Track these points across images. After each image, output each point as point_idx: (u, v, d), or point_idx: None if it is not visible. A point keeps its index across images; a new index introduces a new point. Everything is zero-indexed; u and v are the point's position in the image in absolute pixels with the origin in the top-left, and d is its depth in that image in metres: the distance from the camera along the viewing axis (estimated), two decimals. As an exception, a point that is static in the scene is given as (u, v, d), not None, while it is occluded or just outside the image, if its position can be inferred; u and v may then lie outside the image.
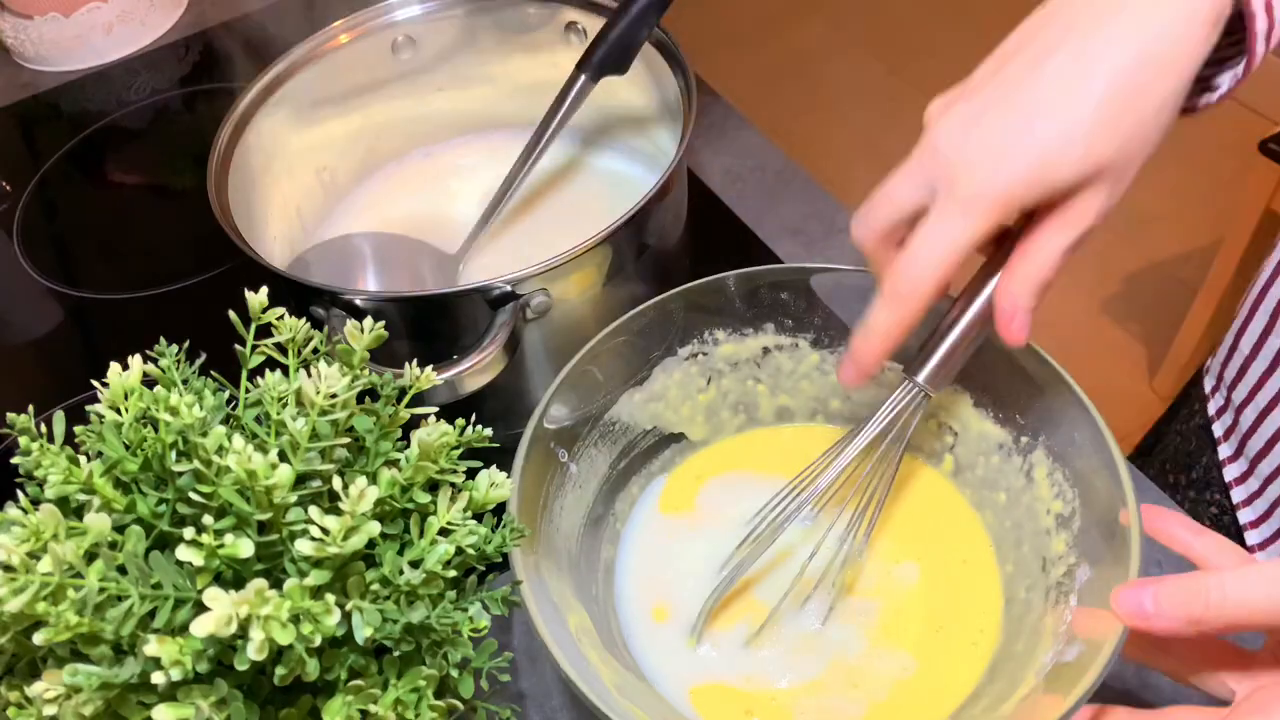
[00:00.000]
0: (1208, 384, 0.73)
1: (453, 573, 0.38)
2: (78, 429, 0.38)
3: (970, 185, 0.43)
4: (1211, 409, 0.71)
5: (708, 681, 0.52)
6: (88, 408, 0.38)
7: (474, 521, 0.39)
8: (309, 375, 0.39)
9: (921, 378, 0.49)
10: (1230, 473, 0.69)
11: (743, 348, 0.59)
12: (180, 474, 0.36)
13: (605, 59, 0.66)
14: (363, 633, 0.35)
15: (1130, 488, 0.46)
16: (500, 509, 0.41)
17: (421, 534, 0.38)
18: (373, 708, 0.37)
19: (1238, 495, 0.68)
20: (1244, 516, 0.68)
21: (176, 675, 0.33)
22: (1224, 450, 0.70)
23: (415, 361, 0.42)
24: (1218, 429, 0.70)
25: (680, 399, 0.59)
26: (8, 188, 0.90)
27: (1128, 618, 0.41)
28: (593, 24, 0.71)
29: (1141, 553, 0.44)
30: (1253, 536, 0.68)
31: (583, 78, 0.66)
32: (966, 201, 0.43)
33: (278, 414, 0.39)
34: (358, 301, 0.57)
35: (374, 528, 0.36)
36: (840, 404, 0.60)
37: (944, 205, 0.44)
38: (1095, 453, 0.48)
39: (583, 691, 0.43)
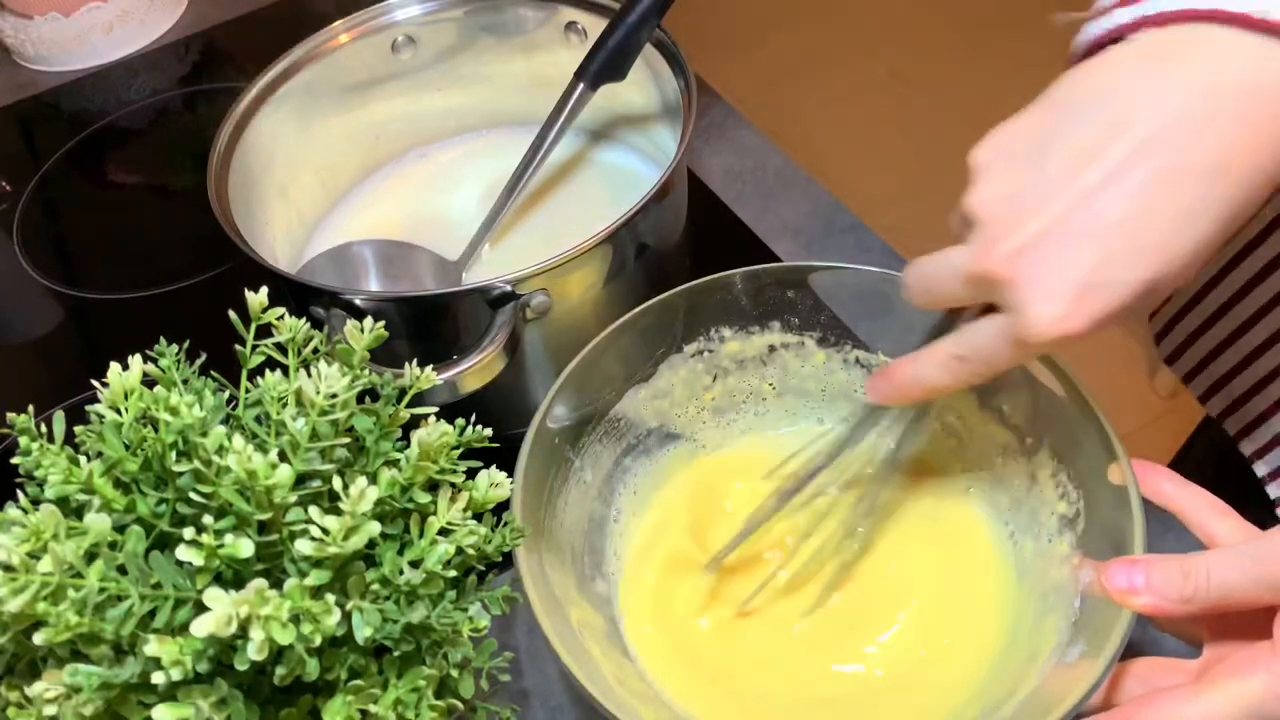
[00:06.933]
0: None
1: (453, 573, 0.38)
2: (78, 429, 0.38)
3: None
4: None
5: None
6: (88, 408, 0.38)
7: (474, 521, 0.39)
8: (309, 375, 0.39)
9: None
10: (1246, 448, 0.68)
11: (748, 345, 0.58)
12: (180, 474, 0.36)
13: (603, 67, 0.66)
14: (363, 633, 0.35)
15: (1135, 487, 0.46)
16: (501, 508, 0.41)
17: (421, 534, 0.38)
18: (373, 708, 0.37)
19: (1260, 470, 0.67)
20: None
21: (176, 675, 0.33)
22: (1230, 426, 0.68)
23: (415, 361, 0.42)
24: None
25: (686, 396, 0.59)
26: (8, 188, 0.90)
27: (1119, 593, 0.42)
28: (592, 24, 0.71)
29: (1146, 553, 0.44)
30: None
31: (581, 86, 0.66)
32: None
33: (278, 414, 0.39)
34: (358, 301, 0.57)
35: (374, 528, 0.36)
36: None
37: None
38: (1100, 453, 0.48)
39: (584, 686, 0.43)
